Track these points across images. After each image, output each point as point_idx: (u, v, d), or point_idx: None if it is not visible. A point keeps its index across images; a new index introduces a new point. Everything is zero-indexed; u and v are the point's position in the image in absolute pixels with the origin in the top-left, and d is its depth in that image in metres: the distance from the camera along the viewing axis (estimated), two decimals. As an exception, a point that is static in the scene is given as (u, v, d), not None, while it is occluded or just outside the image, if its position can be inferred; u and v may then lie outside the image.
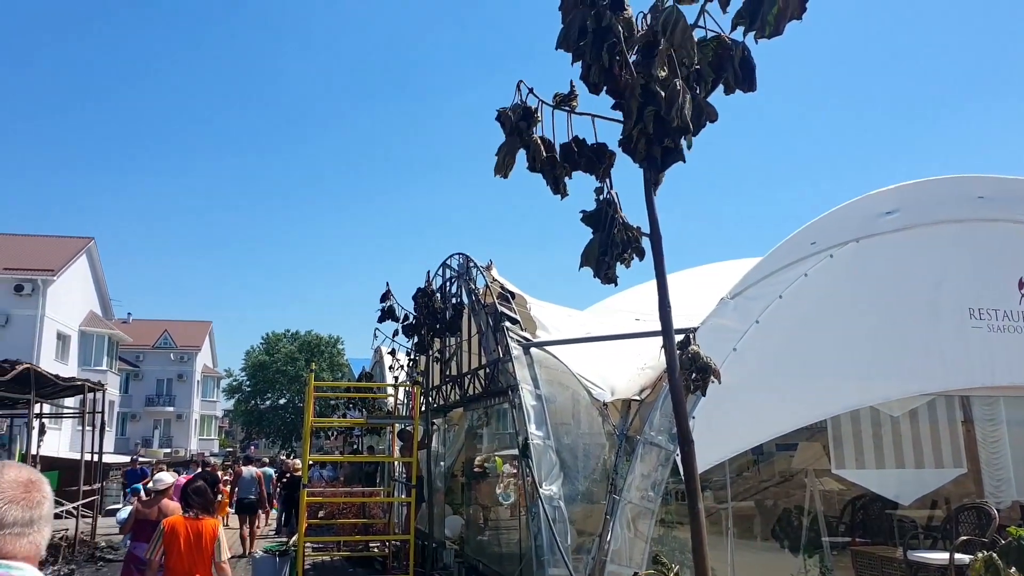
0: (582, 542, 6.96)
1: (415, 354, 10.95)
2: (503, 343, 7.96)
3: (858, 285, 7.06)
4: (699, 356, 3.38)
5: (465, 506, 12.15)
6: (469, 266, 9.59)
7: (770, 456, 9.83)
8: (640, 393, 7.24)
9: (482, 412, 11.26)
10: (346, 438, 17.20)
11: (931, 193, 7.21)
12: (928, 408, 7.54)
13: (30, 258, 34.21)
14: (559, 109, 3.35)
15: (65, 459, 25.05)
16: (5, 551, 1.67)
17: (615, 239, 3.09)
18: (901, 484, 7.39)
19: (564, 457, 7.29)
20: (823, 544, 7.84)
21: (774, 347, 6.75)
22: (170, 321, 59.39)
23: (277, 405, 62.61)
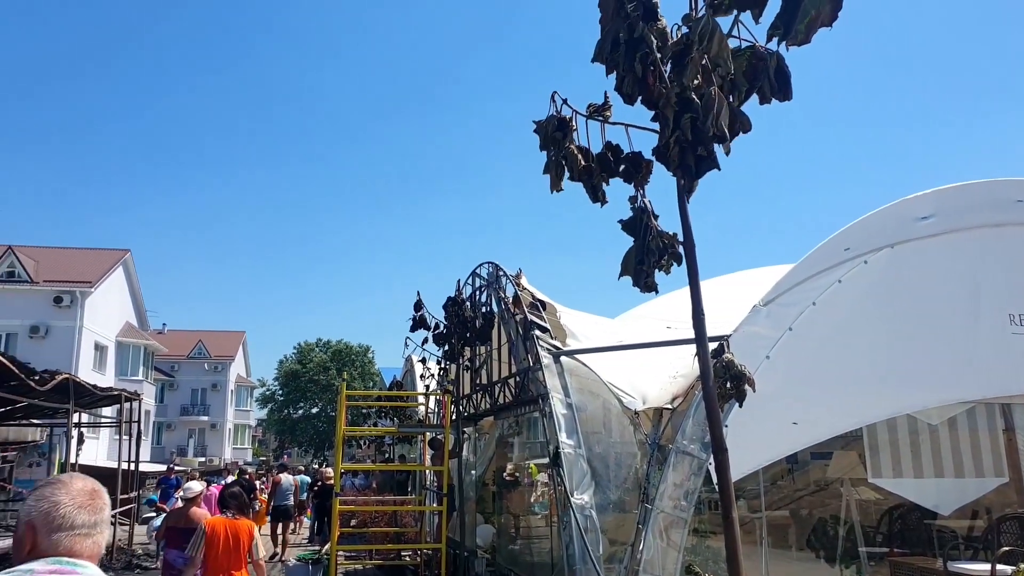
0: (614, 551, 6.93)
1: (446, 363, 11.02)
2: (533, 352, 7.98)
3: (893, 291, 6.95)
4: (733, 364, 3.37)
5: (496, 515, 12.16)
6: (499, 275, 9.63)
7: (805, 465, 9.71)
8: (672, 401, 7.20)
9: (512, 421, 11.27)
10: (378, 447, 17.33)
11: (968, 197, 7.09)
12: (967, 416, 7.40)
13: (69, 270, 35.08)
14: (593, 119, 3.39)
15: (103, 468, 25.55)
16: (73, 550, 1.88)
17: (650, 247, 3.11)
18: (940, 493, 7.25)
19: (595, 466, 7.28)
20: (860, 554, 7.72)
21: (808, 354, 6.67)
22: (204, 331, 60.40)
23: (309, 414, 63.25)
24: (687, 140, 2.88)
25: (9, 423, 17.18)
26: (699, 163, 3.02)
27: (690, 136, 2.83)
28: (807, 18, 2.65)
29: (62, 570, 1.81)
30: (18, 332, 32.79)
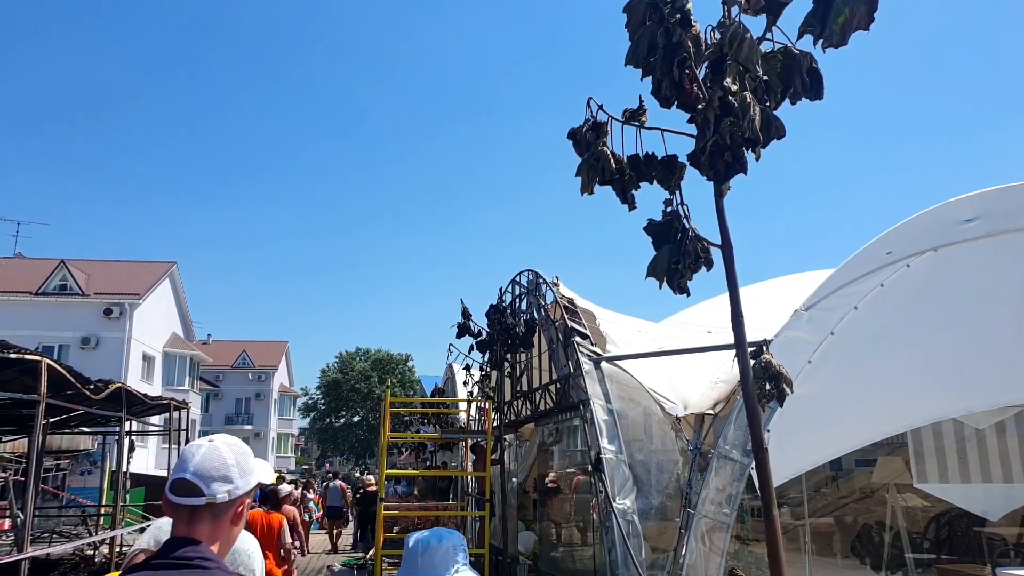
0: (656, 558, 6.94)
1: (488, 369, 11.15)
2: (573, 358, 8.05)
3: (937, 295, 6.88)
4: (772, 364, 3.42)
5: (537, 522, 12.22)
6: (539, 282, 9.74)
7: (849, 472, 9.61)
8: (714, 407, 7.21)
9: (553, 428, 11.34)
10: (419, 454, 17.53)
11: (1013, 199, 6.98)
12: (1017, 420, 7.26)
13: (118, 283, 36.15)
14: (628, 124, 3.48)
15: (151, 476, 26.19)
16: None
17: (687, 249, 3.18)
18: (988, 499, 7.13)
19: (637, 472, 7.31)
20: (907, 561, 7.61)
21: (850, 359, 6.63)
22: (248, 342, 61.59)
23: (351, 423, 63.98)
24: (724, 144, 2.95)
25: (63, 432, 17.73)
26: (727, 167, 3.09)
27: (728, 140, 2.91)
28: (840, 17, 2.71)
29: None
30: (70, 343, 33.84)
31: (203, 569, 1.72)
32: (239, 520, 1.90)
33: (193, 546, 1.75)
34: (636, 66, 3.29)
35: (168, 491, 1.83)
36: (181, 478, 1.81)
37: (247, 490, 1.89)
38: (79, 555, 15.12)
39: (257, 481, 1.93)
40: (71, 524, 18.86)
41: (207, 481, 1.81)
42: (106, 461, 22.59)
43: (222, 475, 1.83)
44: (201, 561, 1.73)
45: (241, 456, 1.92)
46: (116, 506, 15.24)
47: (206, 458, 1.85)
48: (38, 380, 8.90)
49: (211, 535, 1.81)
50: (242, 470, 1.88)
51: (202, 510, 1.80)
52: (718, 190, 3.09)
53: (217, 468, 1.83)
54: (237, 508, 1.87)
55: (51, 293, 34.75)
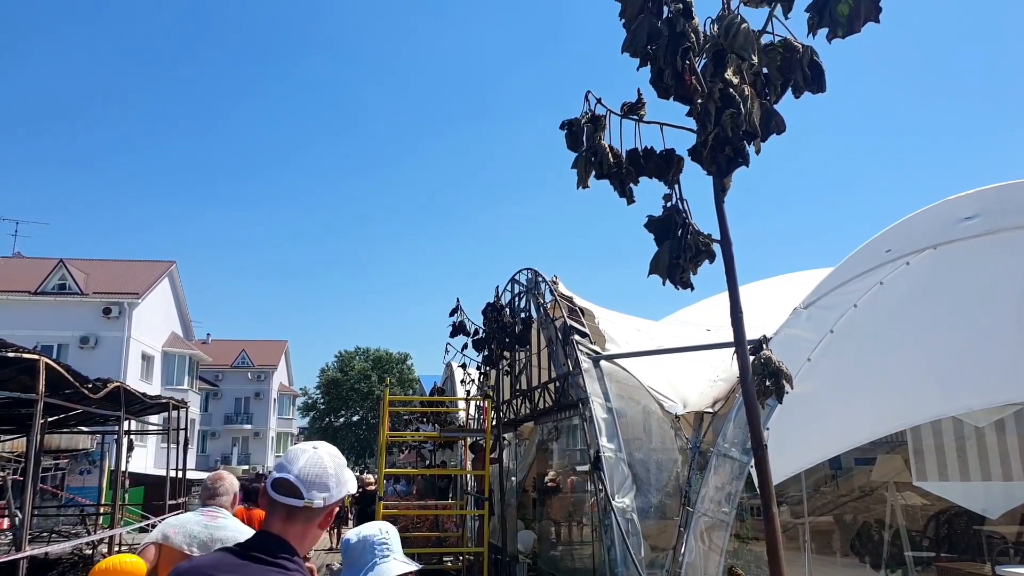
0: (655, 557, 6.93)
1: (485, 368, 11.14)
2: (573, 356, 8.04)
3: (937, 292, 6.87)
4: (771, 361, 3.40)
5: (537, 521, 12.21)
6: (538, 281, 9.73)
7: (848, 471, 9.60)
8: (713, 405, 7.20)
9: (552, 427, 11.33)
10: (418, 453, 17.51)
11: (1014, 196, 6.97)
12: (1016, 418, 7.26)
13: (117, 282, 36.12)
14: (627, 118, 3.46)
15: (150, 475, 26.17)
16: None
17: (688, 243, 3.16)
18: (988, 497, 7.12)
19: (636, 471, 7.30)
20: (906, 559, 7.61)
21: (850, 357, 6.63)
22: (247, 341, 61.54)
23: (350, 422, 64.00)
24: (725, 137, 2.93)
25: (61, 431, 17.72)
26: (729, 161, 3.07)
27: (730, 133, 2.89)
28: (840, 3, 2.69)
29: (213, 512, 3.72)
30: (69, 343, 33.80)
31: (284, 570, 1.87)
32: (327, 524, 2.03)
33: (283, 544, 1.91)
34: (633, 55, 3.26)
35: (270, 488, 1.96)
36: (285, 478, 1.93)
37: (339, 499, 2.02)
38: (78, 554, 15.11)
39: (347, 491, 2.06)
40: (70, 523, 18.85)
41: (308, 486, 1.93)
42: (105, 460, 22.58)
43: (322, 483, 1.95)
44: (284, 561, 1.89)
45: (340, 467, 2.04)
46: (115, 505, 15.23)
47: (309, 464, 1.97)
48: (36, 379, 8.88)
49: (302, 535, 1.95)
50: (338, 480, 2.01)
51: (298, 511, 1.93)
52: (719, 185, 3.07)
53: (318, 476, 1.96)
54: (327, 514, 2.00)
55: (50, 292, 34.71)
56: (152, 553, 3.91)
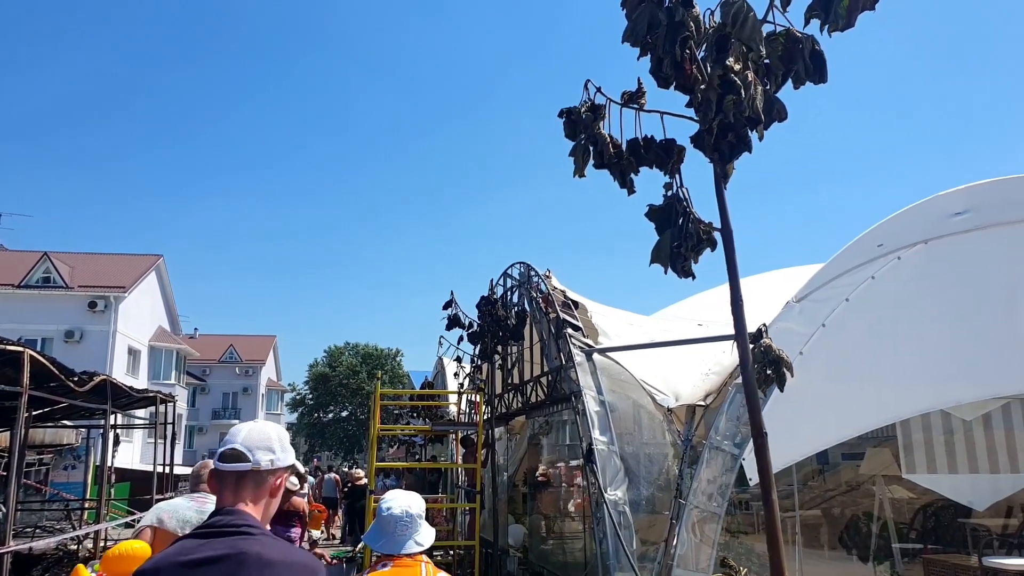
0: (645, 551, 6.95)
1: (479, 361, 11.14)
2: (566, 350, 8.05)
3: (927, 287, 6.95)
4: (772, 349, 3.43)
5: (527, 515, 12.22)
6: (530, 275, 9.73)
7: (836, 466, 9.69)
8: (705, 399, 7.23)
9: (543, 421, 11.34)
10: (408, 448, 17.49)
11: (1003, 192, 7.06)
12: (1003, 412, 7.35)
13: (103, 276, 35.79)
14: (627, 107, 3.45)
15: (136, 471, 25.97)
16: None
17: (689, 232, 3.17)
18: (975, 489, 7.21)
19: (628, 464, 7.32)
20: (893, 551, 7.69)
21: (841, 350, 6.69)
22: (235, 336, 61.22)
23: (339, 417, 63.79)
24: (728, 123, 2.94)
25: (46, 425, 17.56)
26: (732, 147, 3.09)
27: (732, 119, 2.89)
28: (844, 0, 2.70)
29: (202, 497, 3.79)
30: (53, 337, 33.47)
31: (250, 536, 1.85)
32: (277, 493, 2.05)
33: (240, 514, 1.90)
34: (634, 44, 3.27)
35: (217, 460, 2.00)
36: (231, 447, 1.98)
37: (286, 465, 2.06)
38: (62, 550, 14.97)
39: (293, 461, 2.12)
40: (54, 519, 18.68)
41: (252, 450, 1.98)
42: (90, 456, 22.38)
43: (266, 446, 2.01)
44: (248, 528, 1.87)
45: (282, 434, 2.11)
46: (100, 500, 15.11)
47: (252, 431, 2.05)
48: (21, 371, 8.79)
49: (254, 501, 1.97)
50: (282, 446, 2.07)
51: (246, 477, 1.96)
52: (721, 171, 3.08)
53: (262, 440, 2.02)
54: (276, 480, 2.03)
55: (34, 286, 34.35)
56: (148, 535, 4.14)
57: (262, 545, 1.85)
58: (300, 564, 1.88)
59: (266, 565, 1.81)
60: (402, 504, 2.70)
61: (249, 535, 1.86)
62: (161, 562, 1.86)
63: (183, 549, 1.86)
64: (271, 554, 1.83)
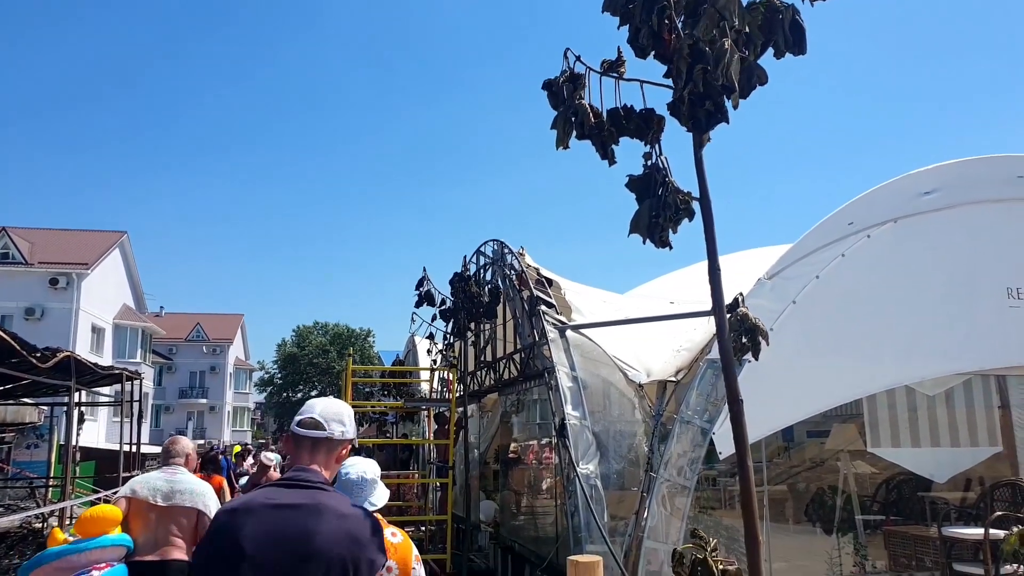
0: (615, 525, 7.02)
1: (452, 339, 11.13)
2: (539, 327, 8.07)
3: (896, 265, 7.07)
4: (748, 317, 3.47)
5: (499, 491, 12.30)
6: (504, 252, 9.71)
7: (801, 443, 9.86)
8: (676, 374, 7.31)
9: (515, 399, 11.39)
10: (379, 426, 17.44)
11: (971, 173, 7.20)
12: (964, 388, 7.54)
13: (64, 252, 34.98)
14: (607, 76, 3.44)
15: (101, 449, 25.56)
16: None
17: (667, 202, 3.19)
18: (936, 462, 7.42)
19: (599, 440, 7.38)
20: (856, 523, 7.88)
21: (811, 327, 6.78)
22: (202, 314, 60.44)
23: (308, 397, 63.42)
24: (699, 92, 2.94)
25: (7, 402, 17.18)
26: (709, 116, 3.09)
27: (701, 88, 2.89)
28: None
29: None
30: (13, 314, 32.70)
31: (325, 491, 2.22)
32: (341, 460, 2.47)
33: (315, 472, 2.27)
34: (613, 13, 3.26)
35: (296, 427, 2.36)
36: (310, 416, 2.36)
37: (351, 437, 2.43)
38: (27, 528, 14.74)
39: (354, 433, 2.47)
40: (18, 497, 18.34)
41: (328, 421, 2.36)
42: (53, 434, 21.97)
43: (338, 419, 2.39)
44: (322, 484, 2.24)
45: (350, 411, 2.50)
46: (65, 478, 14.85)
47: (327, 405, 2.43)
48: (-22, 348, 8.56)
49: (325, 464, 2.34)
50: (350, 420, 2.45)
51: (321, 443, 2.34)
52: (698, 140, 3.09)
53: (335, 414, 2.40)
54: (343, 449, 2.42)
55: (-9, 262, 33.51)
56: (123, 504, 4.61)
57: (336, 500, 2.21)
58: (364, 516, 2.22)
59: (341, 516, 2.15)
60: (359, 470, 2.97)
61: (324, 490, 2.22)
62: (251, 502, 2.18)
63: (270, 494, 2.20)
64: (343, 507, 2.18)
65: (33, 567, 4.33)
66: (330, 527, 2.10)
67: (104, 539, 4.36)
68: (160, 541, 4.59)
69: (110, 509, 4.49)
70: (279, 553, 2.06)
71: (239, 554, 2.05)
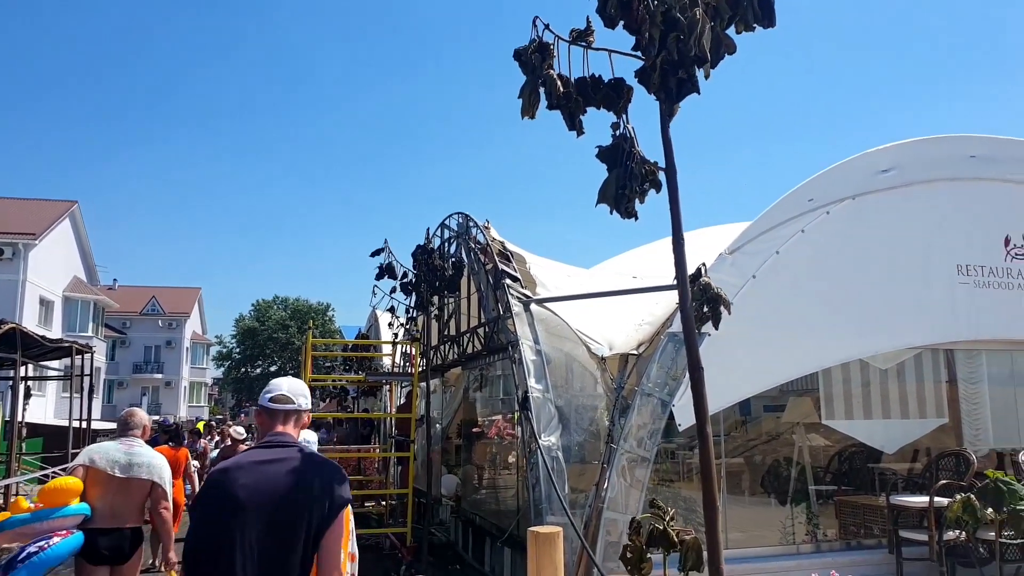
0: (575, 498, 7.10)
1: (414, 312, 11.05)
2: (504, 300, 8.06)
3: (853, 241, 7.24)
4: (710, 287, 3.51)
5: (461, 466, 12.35)
6: (469, 225, 9.65)
7: (758, 418, 10.06)
8: (638, 348, 7.39)
9: (478, 373, 11.40)
10: (340, 401, 17.33)
11: (926, 152, 7.38)
12: (915, 362, 7.78)
13: (11, 222, 33.75)
14: (575, 45, 3.41)
15: (50, 425, 24.87)
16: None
17: (633, 172, 3.19)
18: (887, 434, 7.65)
19: (562, 413, 7.43)
20: (809, 493, 8.11)
21: (770, 301, 6.92)
22: (158, 288, 59.11)
23: (268, 372, 62.81)
24: (672, 61, 2.93)
25: (-52, 378, 16.59)
26: (680, 86, 3.09)
27: (675, 56, 2.88)
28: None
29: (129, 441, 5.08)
30: (-46, 286, 31.66)
31: (299, 449, 2.70)
32: (304, 426, 2.92)
33: (289, 436, 2.78)
34: (582, -18, 3.22)
35: (269, 402, 2.82)
36: (280, 392, 2.85)
37: (309, 408, 2.94)
38: (-34, 505, 14.34)
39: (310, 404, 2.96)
40: (-40, 475, 17.78)
41: (295, 396, 2.87)
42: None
43: (303, 394, 2.91)
44: (297, 443, 2.74)
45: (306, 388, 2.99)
46: (11, 455, 14.45)
47: (292, 383, 2.94)
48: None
49: (294, 430, 2.83)
50: (308, 395, 2.96)
51: (291, 413, 2.83)
52: (668, 111, 3.08)
53: (300, 389, 2.92)
54: (306, 417, 2.92)
55: (-71, 230, 32.24)
56: (81, 473, 4.85)
57: (311, 453, 2.72)
58: (336, 465, 2.75)
59: (318, 464, 2.66)
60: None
61: (299, 448, 2.71)
62: (241, 460, 2.64)
63: (254, 454, 2.67)
64: (318, 458, 2.73)
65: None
66: (308, 475, 2.58)
67: (67, 509, 4.70)
68: (116, 510, 4.91)
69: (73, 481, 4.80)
70: (269, 499, 2.51)
71: (236, 503, 2.49)
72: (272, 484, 2.53)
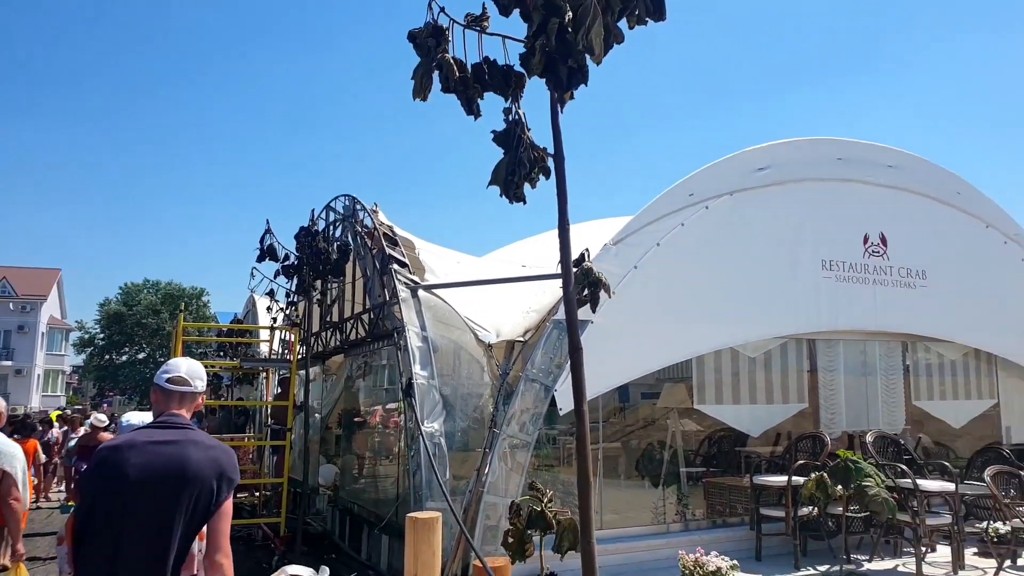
0: (456, 485, 7.14)
1: (295, 297, 10.70)
2: (390, 286, 7.95)
3: (730, 235, 7.66)
4: (592, 271, 3.60)
5: (341, 456, 12.10)
6: (356, 208, 9.44)
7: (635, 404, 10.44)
8: (524, 335, 7.49)
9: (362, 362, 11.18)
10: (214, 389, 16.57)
11: (798, 153, 7.92)
12: (781, 351, 8.32)
13: None
14: (470, 29, 3.41)
15: None
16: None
17: (522, 159, 3.22)
18: (753, 418, 8.16)
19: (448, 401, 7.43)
20: (680, 475, 8.51)
21: (650, 291, 7.20)
22: (10, 268, 54.29)
23: (135, 359, 59.08)
24: (553, 48, 2.97)
25: None
26: (570, 76, 3.14)
27: (554, 42, 2.92)
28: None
29: None
30: None
31: (193, 430, 2.80)
32: (198, 408, 2.98)
33: (183, 418, 2.84)
34: (479, -32, 3.21)
35: (166, 383, 2.86)
36: (178, 375, 2.90)
37: (204, 390, 3.01)
38: None
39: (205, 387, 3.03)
40: None
41: (192, 378, 2.93)
42: None
43: (199, 376, 2.97)
44: (190, 426, 2.83)
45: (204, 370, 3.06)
46: None
47: (190, 364, 3.00)
48: None
49: (188, 411, 2.90)
50: (204, 377, 3.02)
51: (187, 395, 2.90)
52: (559, 98, 3.13)
53: (196, 372, 2.97)
54: (201, 399, 3.00)
55: None
56: None
57: (202, 436, 2.81)
58: (226, 447, 2.82)
59: (209, 446, 2.75)
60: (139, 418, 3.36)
61: (192, 430, 2.80)
62: (133, 440, 2.67)
63: (148, 434, 2.72)
64: (208, 441, 2.79)
65: None
66: (199, 456, 2.67)
67: None
68: None
69: None
70: (161, 478, 2.58)
71: (127, 482, 2.54)
72: (164, 464, 2.60)
